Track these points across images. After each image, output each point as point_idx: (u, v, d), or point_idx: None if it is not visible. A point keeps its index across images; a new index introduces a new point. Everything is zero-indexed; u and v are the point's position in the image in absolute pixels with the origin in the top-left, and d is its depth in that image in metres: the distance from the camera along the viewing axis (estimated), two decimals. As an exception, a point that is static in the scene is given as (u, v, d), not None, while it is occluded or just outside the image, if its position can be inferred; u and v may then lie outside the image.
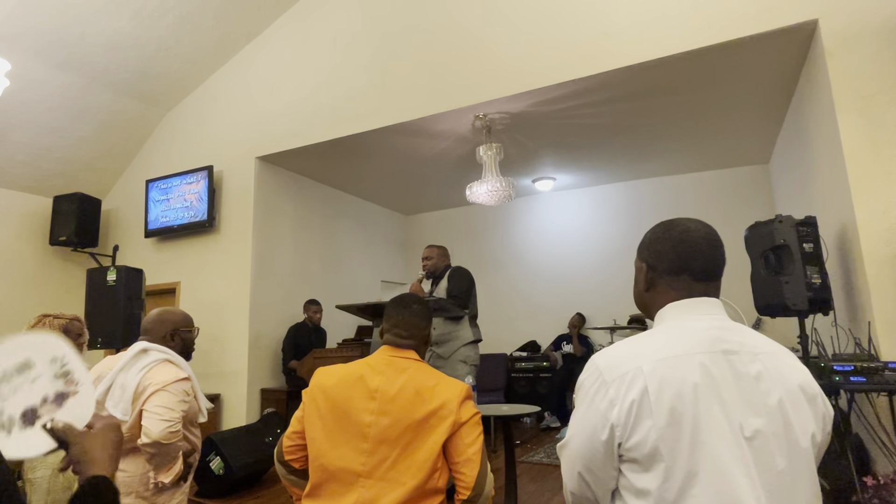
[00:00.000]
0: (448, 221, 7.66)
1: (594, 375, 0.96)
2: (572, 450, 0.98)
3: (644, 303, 1.10)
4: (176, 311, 2.12)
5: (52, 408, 0.81)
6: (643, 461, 0.88)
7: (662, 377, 0.90)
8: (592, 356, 1.01)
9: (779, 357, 0.96)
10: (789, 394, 0.92)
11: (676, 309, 1.02)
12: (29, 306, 5.31)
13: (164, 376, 1.86)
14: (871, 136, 3.00)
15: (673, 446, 0.87)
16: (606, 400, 0.92)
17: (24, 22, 4.43)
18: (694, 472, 0.85)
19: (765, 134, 5.11)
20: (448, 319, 3.61)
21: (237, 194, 5.40)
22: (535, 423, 6.11)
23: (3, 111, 4.65)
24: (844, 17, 3.13)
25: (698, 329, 0.97)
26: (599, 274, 6.58)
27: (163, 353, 1.96)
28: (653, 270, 1.07)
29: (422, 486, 1.35)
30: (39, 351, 0.83)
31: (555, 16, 4.05)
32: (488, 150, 4.68)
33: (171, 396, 1.82)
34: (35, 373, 0.82)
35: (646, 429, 0.88)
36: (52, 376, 0.83)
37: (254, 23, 5.42)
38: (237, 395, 5.06)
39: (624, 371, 0.92)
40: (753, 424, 0.88)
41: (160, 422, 1.76)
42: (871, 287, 2.84)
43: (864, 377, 2.36)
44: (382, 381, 1.46)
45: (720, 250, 1.04)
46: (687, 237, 1.03)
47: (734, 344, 0.95)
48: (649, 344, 0.97)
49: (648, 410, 0.88)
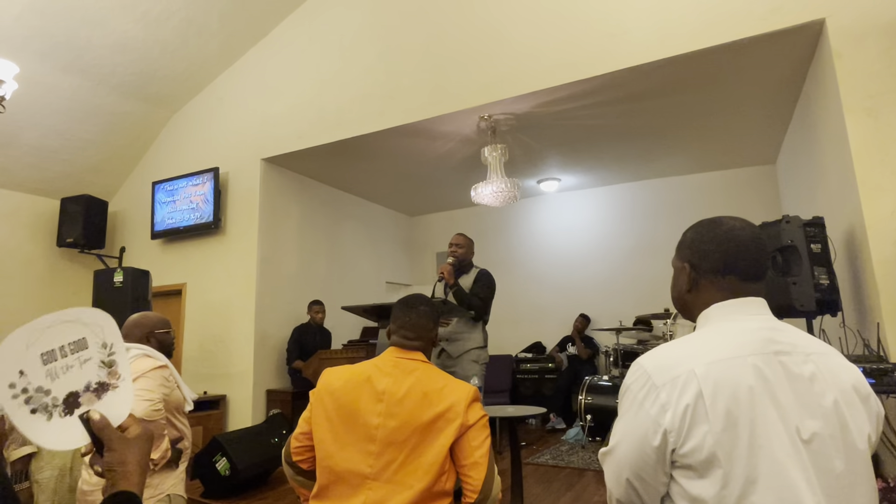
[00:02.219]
0: (453, 222, 7.66)
1: (642, 379, 0.93)
2: (620, 456, 0.95)
3: (685, 304, 1.07)
4: (151, 316, 2.25)
5: (91, 397, 0.75)
6: (699, 467, 0.86)
7: (717, 380, 0.87)
8: (638, 359, 0.98)
9: (830, 357, 0.94)
10: (844, 394, 0.90)
11: (723, 309, 0.99)
12: (37, 307, 5.34)
13: (142, 366, 1.98)
14: (878, 135, 2.98)
15: (730, 451, 0.84)
16: (658, 404, 0.89)
17: (32, 26, 4.46)
18: (753, 477, 0.83)
19: (771, 134, 5.08)
20: (462, 319, 3.62)
21: (243, 196, 5.41)
22: (540, 424, 6.09)
23: (12, 114, 4.68)
24: (852, 17, 3.11)
25: (749, 330, 0.94)
26: (605, 275, 6.57)
27: (140, 349, 2.07)
28: (696, 270, 1.04)
29: (429, 488, 1.35)
30: (93, 332, 0.78)
31: (560, 17, 4.04)
32: (493, 151, 4.67)
33: (150, 381, 1.93)
34: (87, 354, 0.76)
35: (701, 434, 0.85)
36: (98, 362, 0.77)
37: (259, 25, 5.44)
38: (243, 395, 5.07)
39: (675, 374, 0.90)
40: (810, 427, 0.86)
41: (141, 402, 1.85)
42: (880, 288, 2.82)
43: (873, 379, 2.34)
44: (390, 383, 1.46)
45: (766, 250, 1.02)
46: (733, 236, 1.01)
47: (786, 345, 0.93)
48: (699, 346, 0.94)
49: (704, 415, 0.86)
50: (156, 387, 1.93)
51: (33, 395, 0.71)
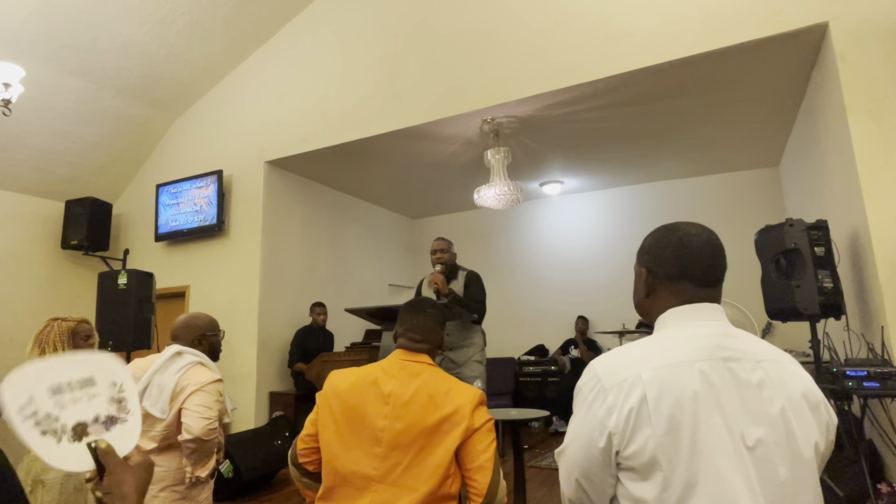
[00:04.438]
0: (456, 225, 7.67)
1: (592, 381, 0.95)
2: (570, 456, 0.97)
3: (644, 308, 1.09)
4: (202, 317, 2.20)
5: (100, 429, 0.80)
6: (641, 470, 0.87)
7: (662, 385, 0.88)
8: (591, 362, 1.00)
9: (781, 364, 0.95)
10: (792, 402, 0.90)
11: (677, 315, 1.00)
12: (41, 309, 5.36)
13: (201, 377, 1.94)
14: (882, 138, 2.98)
15: (671, 456, 0.85)
16: (604, 407, 0.91)
17: (38, 29, 4.49)
18: (693, 482, 0.84)
19: (774, 137, 5.08)
20: (461, 325, 3.61)
21: (246, 198, 5.43)
22: (543, 427, 6.09)
23: (17, 117, 4.71)
24: (855, 20, 3.12)
25: (699, 336, 0.95)
26: (608, 277, 6.56)
27: (195, 356, 2.04)
28: (653, 275, 1.05)
29: (434, 491, 1.35)
30: (103, 372, 0.84)
31: (563, 20, 4.05)
32: (496, 154, 4.68)
33: (209, 396, 1.90)
34: (95, 390, 0.82)
35: (644, 437, 0.87)
36: (108, 398, 0.83)
37: (263, 29, 5.47)
38: (246, 398, 5.08)
39: (623, 378, 0.91)
40: (755, 434, 0.86)
41: (201, 419, 1.83)
42: (885, 291, 2.81)
43: (877, 382, 2.34)
44: (396, 386, 1.46)
45: (722, 256, 1.03)
46: (688, 242, 1.02)
47: (736, 351, 0.93)
48: (649, 350, 0.95)
49: (647, 419, 0.87)
50: (213, 403, 1.89)
51: (42, 419, 0.75)
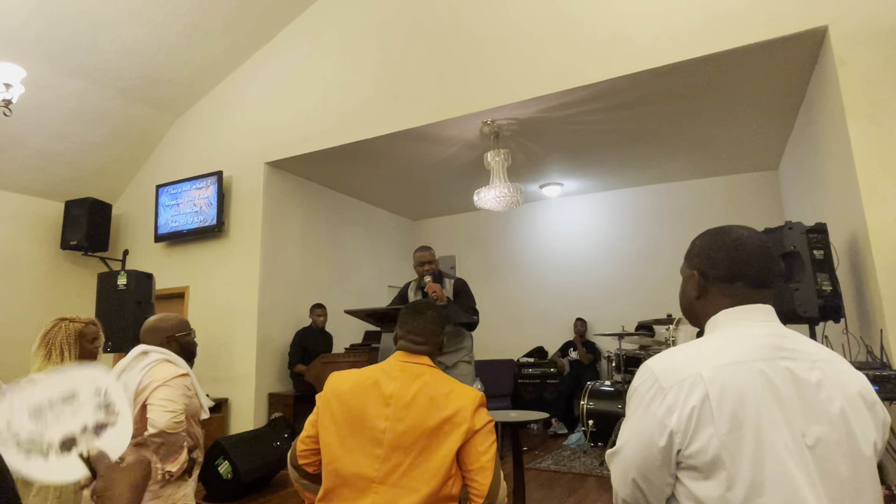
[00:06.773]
0: (455, 227, 7.67)
1: (650, 381, 0.95)
2: (626, 456, 0.96)
3: (694, 310, 1.09)
4: (170, 318, 2.18)
5: (90, 437, 0.82)
6: (704, 469, 0.87)
7: (723, 384, 0.89)
8: (646, 361, 1.00)
9: (837, 364, 0.96)
10: (850, 401, 0.91)
11: (731, 316, 1.01)
12: (40, 310, 5.36)
13: (164, 373, 1.93)
14: (881, 141, 2.99)
15: (735, 454, 0.85)
16: (664, 406, 0.91)
17: (39, 30, 4.49)
18: (759, 480, 0.84)
19: (774, 140, 5.10)
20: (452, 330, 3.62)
21: (246, 199, 5.43)
22: (542, 429, 6.08)
23: (17, 117, 4.71)
24: (854, 23, 3.13)
25: (756, 336, 0.96)
26: (607, 280, 6.57)
27: (162, 353, 2.02)
28: (705, 277, 1.06)
29: (436, 492, 1.35)
30: (85, 383, 0.85)
31: (564, 23, 4.06)
32: (496, 156, 4.69)
33: (173, 390, 1.89)
34: (78, 404, 0.83)
35: (707, 436, 0.87)
36: (94, 406, 0.84)
37: (263, 30, 5.47)
38: (245, 399, 5.08)
39: (682, 377, 0.91)
40: (816, 432, 0.87)
41: (164, 413, 1.82)
42: (883, 294, 2.82)
43: (876, 385, 2.34)
44: (397, 388, 1.47)
45: (774, 258, 1.04)
46: (741, 244, 1.03)
47: (793, 351, 0.94)
48: (707, 350, 0.96)
49: (710, 417, 0.87)
50: (178, 396, 1.88)
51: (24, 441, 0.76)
